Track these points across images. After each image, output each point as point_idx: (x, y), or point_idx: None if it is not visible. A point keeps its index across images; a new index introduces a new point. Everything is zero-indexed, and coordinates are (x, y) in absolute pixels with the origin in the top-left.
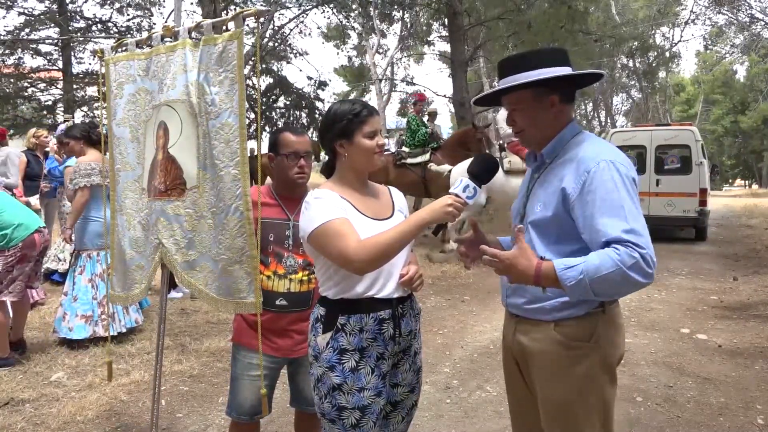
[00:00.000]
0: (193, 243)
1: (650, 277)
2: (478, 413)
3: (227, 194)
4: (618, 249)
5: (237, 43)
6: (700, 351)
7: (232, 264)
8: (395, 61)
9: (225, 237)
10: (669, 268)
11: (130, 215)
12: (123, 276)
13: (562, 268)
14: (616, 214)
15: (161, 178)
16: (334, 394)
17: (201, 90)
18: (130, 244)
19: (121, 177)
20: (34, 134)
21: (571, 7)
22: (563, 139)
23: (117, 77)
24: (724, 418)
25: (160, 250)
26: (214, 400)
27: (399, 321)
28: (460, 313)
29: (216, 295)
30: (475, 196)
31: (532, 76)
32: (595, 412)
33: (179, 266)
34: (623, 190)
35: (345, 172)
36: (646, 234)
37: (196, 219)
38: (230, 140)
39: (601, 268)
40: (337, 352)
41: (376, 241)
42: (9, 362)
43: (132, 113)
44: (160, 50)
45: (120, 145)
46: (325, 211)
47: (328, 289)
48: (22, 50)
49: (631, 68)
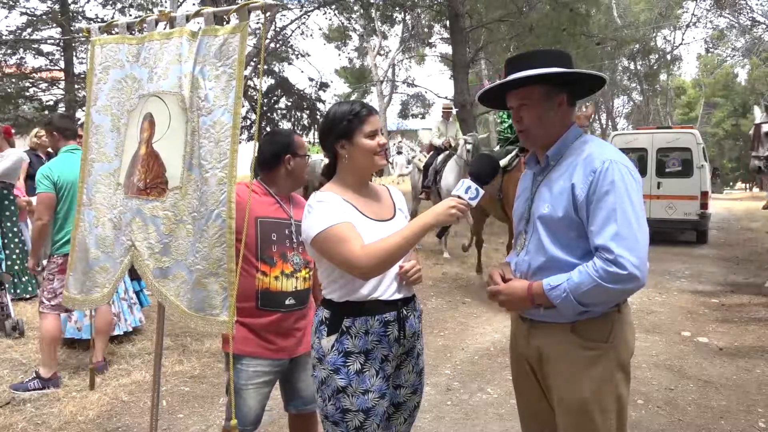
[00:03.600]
0: (169, 249)
1: (631, 280)
2: (479, 415)
3: (210, 198)
4: (595, 263)
5: (240, 37)
6: (701, 354)
7: (206, 276)
8: (396, 62)
9: (203, 245)
10: (670, 271)
11: (99, 211)
12: (82, 276)
13: (548, 288)
14: (609, 217)
15: (141, 174)
16: (338, 396)
17: (195, 83)
18: (96, 243)
19: (95, 168)
20: (36, 134)
21: (573, 10)
22: (567, 140)
23: (103, 60)
24: (725, 422)
25: (131, 252)
26: (215, 400)
27: (404, 323)
28: (461, 315)
29: (186, 308)
30: (477, 196)
31: (548, 70)
32: (611, 411)
33: (151, 273)
34: (623, 191)
35: (346, 173)
36: (635, 236)
37: (174, 223)
38: (220, 140)
39: (581, 285)
40: (342, 355)
41: (380, 246)
42: (53, 383)
43: (116, 101)
44: (153, 36)
45: (97, 134)
46: (329, 215)
47: (332, 292)
48: (24, 50)
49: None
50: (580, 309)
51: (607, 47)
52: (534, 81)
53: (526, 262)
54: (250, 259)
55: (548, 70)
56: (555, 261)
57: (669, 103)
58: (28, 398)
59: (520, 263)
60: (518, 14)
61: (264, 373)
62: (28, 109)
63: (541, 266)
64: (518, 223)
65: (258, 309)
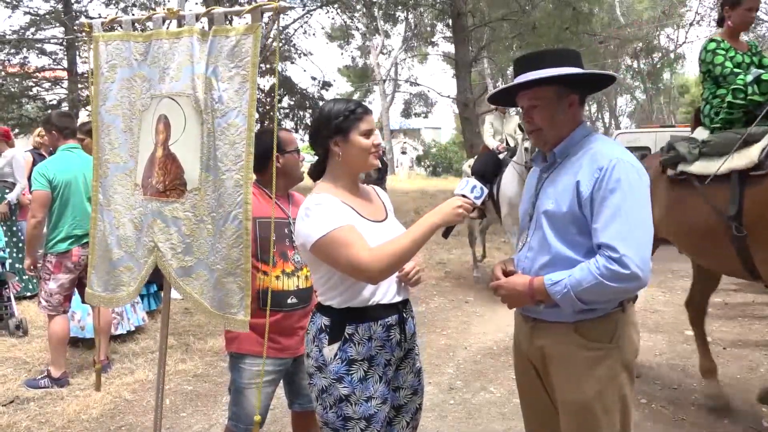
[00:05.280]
0: (191, 248)
1: (632, 279)
2: (481, 414)
3: (227, 200)
4: (598, 260)
5: (253, 38)
6: None
7: (226, 275)
8: (399, 61)
9: (222, 246)
10: (673, 269)
11: (119, 212)
12: (106, 275)
13: (549, 284)
14: (614, 215)
15: (160, 177)
16: (340, 405)
17: (208, 84)
18: (118, 243)
19: (110, 169)
20: (39, 133)
21: (576, 9)
22: (574, 138)
23: (109, 58)
24: (728, 420)
25: (154, 253)
26: (218, 399)
27: (404, 325)
28: (464, 314)
29: (209, 306)
30: (482, 195)
31: (564, 71)
32: (614, 411)
33: (174, 272)
34: (629, 190)
35: (339, 173)
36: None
37: (195, 223)
38: (235, 142)
39: (582, 281)
40: (346, 363)
41: (389, 249)
42: (62, 382)
43: (126, 100)
44: (161, 35)
45: (110, 134)
46: (329, 218)
47: (331, 299)
48: (27, 50)
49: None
50: (580, 306)
51: (610, 46)
52: (546, 82)
53: (529, 258)
54: (251, 260)
55: (563, 70)
56: (559, 258)
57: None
58: (31, 397)
59: (523, 260)
60: (521, 13)
61: (267, 372)
62: (32, 109)
63: (545, 263)
64: (522, 221)
65: (260, 309)
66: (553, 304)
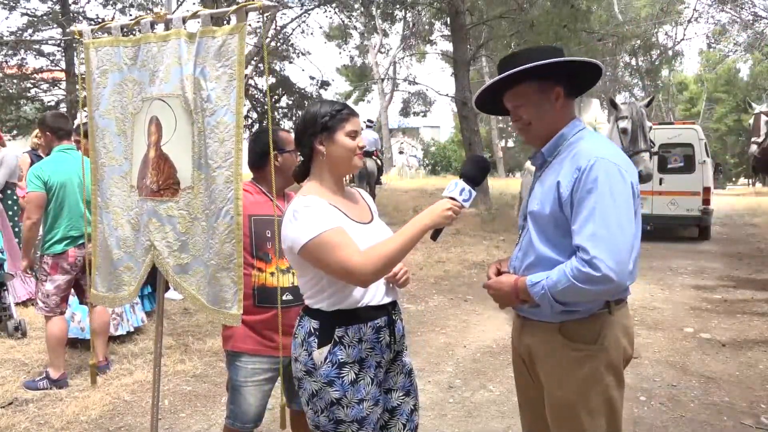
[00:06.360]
0: (187, 246)
1: (604, 282)
2: (481, 413)
3: (219, 196)
4: (572, 262)
5: (238, 37)
6: (703, 350)
7: (219, 270)
8: (397, 60)
9: (215, 242)
10: (672, 267)
11: (117, 213)
12: (108, 275)
13: (530, 284)
14: (589, 216)
15: (153, 177)
16: (332, 408)
17: (197, 85)
18: (118, 244)
19: (106, 172)
20: (37, 134)
21: (574, 6)
22: (564, 136)
23: (100, 64)
24: (728, 418)
25: (151, 252)
26: (217, 399)
27: (393, 327)
28: (463, 312)
29: (206, 302)
30: (471, 198)
31: (538, 64)
32: (599, 413)
33: (171, 270)
34: (606, 190)
35: (323, 173)
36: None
37: (190, 221)
38: (225, 140)
39: (558, 283)
40: (336, 366)
41: (381, 251)
42: (61, 383)
43: (118, 104)
44: (150, 38)
45: (104, 138)
46: (318, 220)
47: (320, 302)
48: (25, 51)
49: (633, 67)
50: (559, 307)
51: (609, 43)
52: (527, 78)
53: (518, 258)
54: (246, 257)
55: (535, 64)
56: (543, 258)
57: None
58: (30, 398)
59: (514, 259)
60: (519, 11)
61: (263, 370)
62: (30, 110)
63: (530, 263)
64: (519, 220)
65: (255, 306)
66: (536, 304)
